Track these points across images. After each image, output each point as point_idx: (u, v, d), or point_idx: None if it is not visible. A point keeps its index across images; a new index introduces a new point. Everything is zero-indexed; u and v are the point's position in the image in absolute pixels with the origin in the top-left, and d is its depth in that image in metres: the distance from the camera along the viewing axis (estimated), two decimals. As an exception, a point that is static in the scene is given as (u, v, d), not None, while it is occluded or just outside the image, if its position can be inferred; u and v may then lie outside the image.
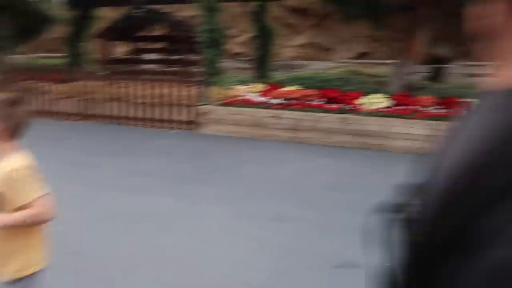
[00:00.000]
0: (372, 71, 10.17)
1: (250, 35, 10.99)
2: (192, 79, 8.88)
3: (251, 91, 9.46)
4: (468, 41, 0.49)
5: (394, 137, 6.75)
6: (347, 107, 7.58)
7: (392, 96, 7.80)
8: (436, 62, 19.91)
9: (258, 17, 10.28)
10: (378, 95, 7.79)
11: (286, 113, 7.50)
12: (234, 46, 22.80)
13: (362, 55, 20.15)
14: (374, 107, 7.45)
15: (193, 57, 10.34)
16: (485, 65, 0.48)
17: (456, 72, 11.21)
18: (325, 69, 12.39)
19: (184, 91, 8.46)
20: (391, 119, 6.97)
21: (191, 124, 8.35)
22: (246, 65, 12.63)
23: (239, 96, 8.78)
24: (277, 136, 7.42)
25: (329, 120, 7.20)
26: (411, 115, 6.94)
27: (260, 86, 9.55)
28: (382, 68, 11.57)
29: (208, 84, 8.32)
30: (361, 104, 7.58)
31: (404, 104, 7.45)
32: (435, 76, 10.14)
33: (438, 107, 7.33)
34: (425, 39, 9.66)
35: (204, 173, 5.59)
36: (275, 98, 8.47)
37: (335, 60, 17.44)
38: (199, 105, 8.18)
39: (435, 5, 8.78)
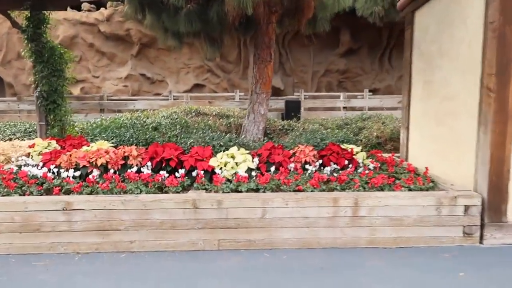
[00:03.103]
0: (215, 110, 7.15)
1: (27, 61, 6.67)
2: None
3: (33, 155, 5.30)
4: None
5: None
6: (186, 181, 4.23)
7: (256, 151, 4.85)
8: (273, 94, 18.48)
9: (35, 36, 6.19)
10: (236, 151, 4.73)
11: (78, 198, 3.71)
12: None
13: (196, 87, 17.30)
14: (234, 172, 4.33)
15: None
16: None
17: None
18: (156, 108, 8.91)
19: None
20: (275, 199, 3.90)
21: None
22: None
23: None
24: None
25: (168, 207, 3.71)
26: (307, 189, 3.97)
27: (42, 144, 5.46)
28: (226, 104, 8.75)
29: None
30: (213, 171, 4.36)
31: (278, 163, 4.55)
32: (291, 113, 7.61)
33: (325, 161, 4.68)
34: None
35: None
36: (67, 167, 4.60)
37: (165, 95, 14.04)
38: None
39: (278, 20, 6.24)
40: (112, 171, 4.35)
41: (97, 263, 3.47)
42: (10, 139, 6.77)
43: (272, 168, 4.38)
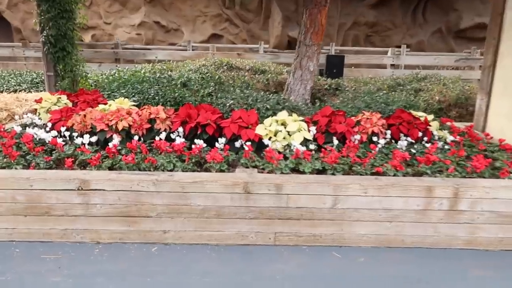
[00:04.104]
0: (248, 63, 6.06)
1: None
2: None
3: (40, 112, 4.40)
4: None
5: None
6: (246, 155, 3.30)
7: (310, 117, 3.87)
8: (289, 46, 17.12)
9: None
10: (287, 117, 3.78)
11: (96, 175, 2.85)
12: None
13: (213, 38, 15.99)
14: (286, 144, 3.40)
15: None
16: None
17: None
18: (179, 59, 7.79)
19: None
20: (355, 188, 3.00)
21: None
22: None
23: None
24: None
25: (212, 191, 2.82)
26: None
27: (50, 99, 4.54)
28: (255, 57, 7.64)
29: None
30: (267, 145, 3.40)
31: (341, 133, 3.59)
32: (333, 70, 6.52)
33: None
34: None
35: None
36: (81, 131, 3.71)
37: (182, 44, 12.81)
38: None
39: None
40: (136, 137, 3.46)
41: (122, 258, 2.67)
42: (15, 91, 5.85)
43: (335, 141, 3.46)
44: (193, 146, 3.28)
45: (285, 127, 3.56)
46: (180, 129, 3.58)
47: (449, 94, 5.34)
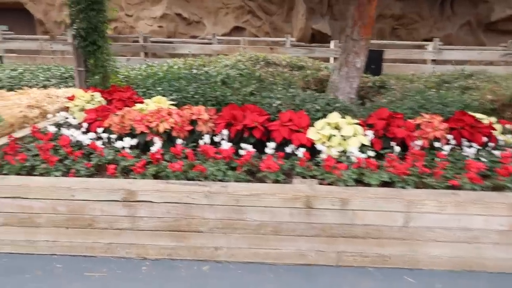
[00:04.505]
0: (284, 58, 5.69)
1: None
2: None
3: (74, 111, 4.16)
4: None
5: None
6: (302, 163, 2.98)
7: (365, 119, 3.53)
8: (313, 40, 16.64)
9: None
10: (340, 119, 3.44)
11: (143, 185, 2.59)
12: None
13: (235, 31, 15.63)
14: (342, 150, 3.06)
15: None
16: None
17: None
18: (209, 53, 7.46)
19: None
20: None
21: None
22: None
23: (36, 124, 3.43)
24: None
25: (269, 205, 2.52)
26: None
27: (84, 97, 4.30)
28: (287, 52, 7.24)
29: None
30: (320, 151, 3.07)
31: (401, 139, 3.23)
32: (371, 65, 6.12)
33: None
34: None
35: None
36: (119, 132, 3.44)
37: (207, 37, 12.51)
38: None
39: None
40: (179, 141, 3.18)
41: (172, 277, 2.41)
42: (44, 86, 5.64)
43: (396, 148, 3.12)
44: (239, 151, 2.99)
45: (339, 131, 3.24)
46: (225, 132, 3.29)
47: (502, 92, 4.92)
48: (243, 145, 3.09)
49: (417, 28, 15.09)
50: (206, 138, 3.23)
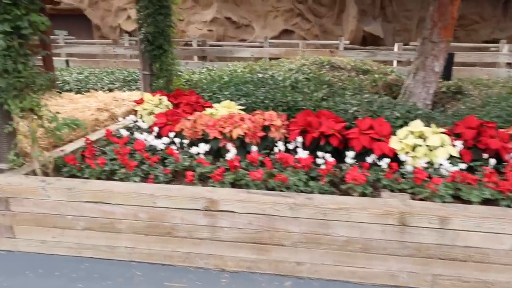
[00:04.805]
0: (348, 62, 5.46)
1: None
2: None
3: (143, 114, 4.18)
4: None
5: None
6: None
7: (450, 128, 3.26)
8: (364, 42, 16.15)
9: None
10: (424, 127, 3.20)
11: (224, 194, 2.51)
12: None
13: (284, 34, 15.51)
14: (428, 161, 2.83)
15: None
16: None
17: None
18: (266, 56, 7.36)
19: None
20: None
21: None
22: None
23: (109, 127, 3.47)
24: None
25: (359, 220, 2.34)
26: None
27: (152, 100, 4.32)
28: (348, 55, 7.01)
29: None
30: (403, 162, 2.87)
31: (494, 150, 2.92)
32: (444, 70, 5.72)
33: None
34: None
35: None
36: (192, 137, 3.39)
37: (259, 41, 12.47)
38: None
39: None
40: (254, 148, 3.07)
41: (254, 293, 2.30)
42: (110, 90, 5.78)
43: (492, 160, 2.83)
44: (316, 159, 2.83)
45: (424, 140, 2.99)
46: (299, 139, 3.14)
47: None
48: (319, 153, 2.93)
49: (476, 29, 14.24)
50: (281, 146, 3.09)
